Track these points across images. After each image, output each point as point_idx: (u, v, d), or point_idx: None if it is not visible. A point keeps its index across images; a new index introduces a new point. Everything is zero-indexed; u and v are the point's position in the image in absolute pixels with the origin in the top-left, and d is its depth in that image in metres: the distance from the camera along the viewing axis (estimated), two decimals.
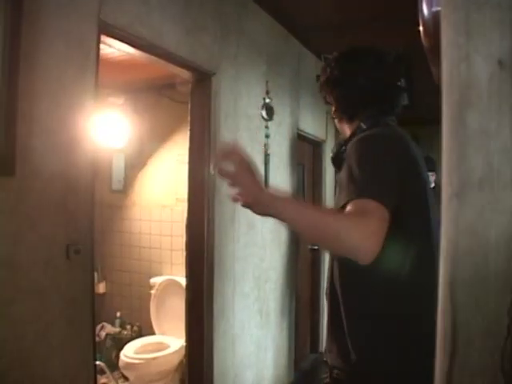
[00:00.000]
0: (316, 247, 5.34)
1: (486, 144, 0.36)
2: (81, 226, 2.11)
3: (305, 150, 5.12)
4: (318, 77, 5.03)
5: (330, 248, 1.52)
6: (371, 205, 1.34)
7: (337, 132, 5.86)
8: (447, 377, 0.36)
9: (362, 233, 1.28)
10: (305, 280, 5.17)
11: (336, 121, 1.93)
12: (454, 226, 0.36)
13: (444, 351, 0.37)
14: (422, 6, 0.92)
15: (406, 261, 1.51)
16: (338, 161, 1.86)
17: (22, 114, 1.79)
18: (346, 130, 1.87)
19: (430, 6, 0.91)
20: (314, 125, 5.04)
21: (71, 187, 2.05)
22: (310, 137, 5.00)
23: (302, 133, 4.71)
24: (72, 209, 2.05)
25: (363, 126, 1.76)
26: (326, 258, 5.44)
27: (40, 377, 1.90)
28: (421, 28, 0.96)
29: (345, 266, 1.63)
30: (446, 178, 0.39)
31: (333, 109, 1.91)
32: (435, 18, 0.90)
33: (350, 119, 1.84)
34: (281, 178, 4.17)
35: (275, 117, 3.93)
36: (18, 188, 1.80)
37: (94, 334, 2.23)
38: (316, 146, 5.40)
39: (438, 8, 0.90)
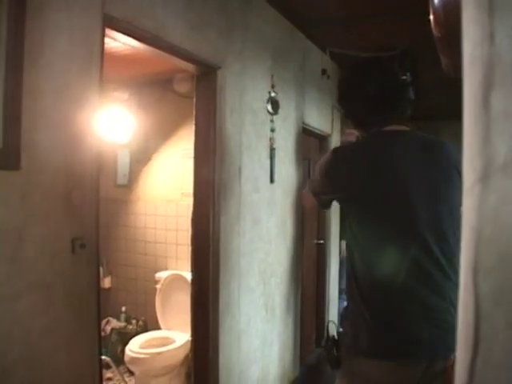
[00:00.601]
0: (321, 242, 5.33)
1: (511, 127, 0.35)
2: (86, 220, 2.11)
3: (310, 144, 5.10)
4: (323, 71, 5.02)
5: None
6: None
7: (342, 126, 5.85)
8: (470, 369, 0.35)
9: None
10: (310, 274, 5.16)
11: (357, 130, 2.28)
12: (477, 213, 0.35)
13: (467, 343, 0.36)
14: None
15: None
16: None
17: (26, 108, 1.78)
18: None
19: None
20: (319, 119, 5.02)
21: (76, 182, 2.04)
22: (316, 131, 4.98)
23: (308, 127, 4.69)
24: (77, 203, 2.04)
25: (364, 134, 2.13)
26: (332, 253, 5.45)
27: (46, 371, 1.90)
28: (431, 17, 0.93)
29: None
30: (469, 164, 0.37)
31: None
32: (446, 6, 0.88)
33: (359, 127, 2.16)
34: (286, 173, 4.16)
35: (280, 111, 3.92)
36: (23, 182, 1.79)
37: (99, 329, 2.23)
38: (322, 140, 5.37)
39: None
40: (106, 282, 4.95)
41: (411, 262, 1.79)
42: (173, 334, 4.25)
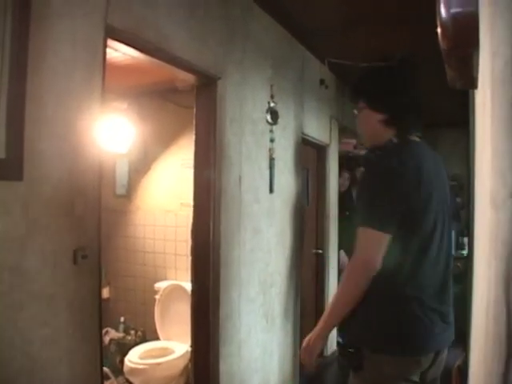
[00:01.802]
0: (320, 251, 5.33)
1: None
2: (88, 230, 2.11)
3: (309, 154, 5.11)
4: (321, 81, 5.04)
5: (359, 292, 1.87)
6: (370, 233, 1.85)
7: (340, 136, 5.86)
8: (503, 381, 0.35)
9: (356, 277, 1.88)
10: (309, 284, 5.15)
11: (377, 127, 2.07)
12: (509, 227, 0.35)
13: (498, 356, 0.36)
14: (440, 7, 0.91)
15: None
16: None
17: (29, 118, 1.79)
18: (381, 137, 2.06)
19: (448, 7, 0.89)
20: (318, 129, 5.03)
21: (78, 192, 2.04)
22: (315, 141, 4.99)
23: (307, 137, 4.70)
24: (79, 213, 2.04)
25: (394, 140, 2.02)
26: (331, 262, 5.44)
27: (48, 382, 1.89)
28: (439, 30, 0.94)
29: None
30: (498, 179, 0.37)
31: (379, 117, 2.06)
32: (454, 19, 0.89)
33: (388, 126, 2.04)
34: (285, 182, 4.16)
35: (280, 121, 3.93)
36: (25, 193, 1.80)
37: (101, 340, 2.22)
38: (320, 150, 5.39)
39: (457, 9, 0.88)
40: (105, 293, 4.92)
41: (442, 270, 1.97)
42: (172, 345, 4.23)
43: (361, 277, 1.86)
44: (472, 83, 1.09)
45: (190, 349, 3.46)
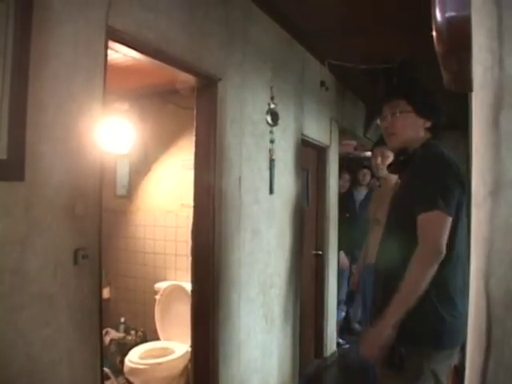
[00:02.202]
0: (320, 252, 5.34)
1: None
2: (89, 231, 2.12)
3: (309, 155, 5.12)
4: (321, 82, 5.06)
5: (429, 279, 1.93)
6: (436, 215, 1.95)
7: (341, 138, 5.87)
8: (482, 372, 0.37)
9: (423, 263, 1.94)
10: (309, 285, 5.16)
11: (411, 118, 2.25)
12: (489, 224, 0.37)
13: (479, 346, 0.38)
14: (435, 11, 0.92)
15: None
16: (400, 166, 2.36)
17: (31, 120, 1.80)
18: (418, 140, 2.24)
19: (443, 11, 0.90)
20: (318, 130, 5.04)
21: (79, 192, 2.06)
22: (315, 142, 5.01)
23: (307, 138, 4.71)
24: (80, 214, 2.06)
25: (432, 141, 2.22)
26: (330, 263, 5.45)
27: (48, 383, 1.90)
28: (434, 33, 0.95)
29: None
30: (479, 179, 0.39)
31: (408, 108, 2.24)
32: (449, 23, 0.90)
33: (428, 131, 2.25)
34: (286, 184, 4.18)
35: (280, 122, 3.94)
36: (27, 194, 1.81)
37: (101, 340, 2.23)
38: (320, 151, 5.40)
39: (452, 13, 0.90)
40: (105, 293, 4.93)
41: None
42: (172, 345, 4.24)
43: (432, 262, 1.93)
44: (466, 86, 1.11)
45: (190, 349, 3.47)
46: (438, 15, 0.92)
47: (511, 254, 0.36)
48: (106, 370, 3.82)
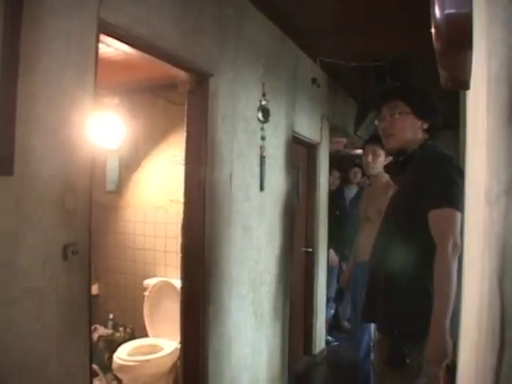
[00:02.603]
0: (310, 250, 5.34)
1: None
2: (78, 226, 2.10)
3: (300, 152, 5.11)
4: (313, 80, 5.07)
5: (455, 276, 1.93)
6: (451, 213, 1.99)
7: (331, 135, 5.87)
8: (495, 372, 0.36)
9: (450, 260, 1.93)
10: (298, 282, 5.16)
11: (409, 119, 2.30)
12: (503, 223, 0.36)
13: (491, 346, 0.37)
14: (434, 8, 0.91)
15: None
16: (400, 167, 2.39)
17: (21, 113, 1.78)
18: (416, 141, 2.29)
19: (442, 8, 0.89)
20: (309, 127, 5.04)
21: (70, 187, 2.03)
22: (305, 139, 5.00)
23: (298, 135, 4.70)
24: (70, 209, 2.04)
25: (429, 142, 2.27)
26: (320, 261, 5.46)
27: (39, 380, 1.88)
28: (433, 31, 0.94)
29: None
30: (492, 176, 0.38)
31: (406, 109, 2.29)
32: (448, 20, 0.89)
33: (426, 132, 2.29)
34: (276, 181, 4.17)
35: (271, 119, 3.93)
36: (17, 188, 1.79)
37: (90, 336, 2.22)
38: (311, 148, 5.39)
39: (451, 10, 0.89)
40: (94, 289, 4.90)
41: None
42: (161, 342, 4.22)
43: (455, 257, 1.95)
44: (464, 84, 1.10)
45: (179, 346, 3.46)
46: (437, 12, 0.91)
47: None
48: (94, 366, 3.80)
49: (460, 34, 0.91)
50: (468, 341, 0.78)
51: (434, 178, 2.08)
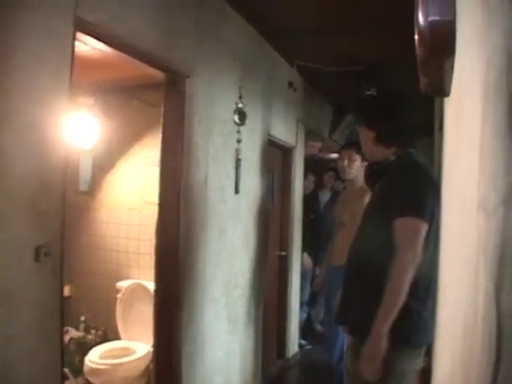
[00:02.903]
0: (284, 253, 5.34)
1: None
2: (51, 227, 2.06)
3: (275, 156, 5.11)
4: (290, 83, 5.08)
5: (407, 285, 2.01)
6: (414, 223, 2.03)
7: (306, 139, 5.89)
8: (492, 381, 0.36)
9: (406, 269, 2.00)
10: (272, 286, 5.16)
11: (371, 145, 2.39)
12: (501, 232, 0.35)
13: (488, 358, 0.36)
14: (418, 15, 0.92)
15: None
16: (374, 176, 2.48)
17: None
18: (378, 153, 2.36)
19: (426, 15, 0.90)
20: (284, 131, 5.04)
21: (43, 186, 1.99)
22: (281, 143, 5.01)
23: (273, 139, 4.71)
24: (43, 209, 1.99)
25: (398, 153, 2.28)
26: (294, 264, 5.46)
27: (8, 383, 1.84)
28: (416, 37, 0.95)
29: None
30: (490, 185, 0.38)
31: (372, 135, 2.36)
32: (431, 27, 0.90)
33: (387, 146, 2.32)
34: (251, 184, 4.16)
35: (247, 122, 3.92)
36: None
37: (61, 339, 2.18)
38: (286, 152, 5.40)
39: (435, 18, 0.89)
40: (66, 291, 4.82)
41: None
42: (134, 345, 4.18)
43: (411, 266, 2.01)
44: (444, 91, 1.11)
45: (151, 349, 3.42)
46: (421, 19, 0.91)
47: None
48: (64, 370, 3.74)
49: (443, 41, 0.91)
50: (451, 350, 0.78)
51: (403, 187, 2.14)
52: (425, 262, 2.07)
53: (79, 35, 2.19)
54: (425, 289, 2.10)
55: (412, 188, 2.12)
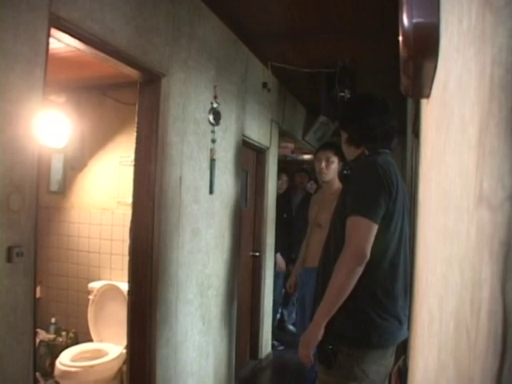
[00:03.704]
0: (257, 254, 5.34)
1: None
2: (24, 227, 2.02)
3: (249, 156, 5.11)
4: (264, 84, 5.10)
5: (353, 281, 2.03)
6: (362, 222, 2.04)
7: (280, 140, 5.91)
8: (497, 378, 0.36)
9: (349, 266, 2.02)
10: (246, 286, 5.15)
11: (345, 145, 2.44)
12: (507, 228, 0.36)
13: (493, 352, 0.37)
14: (402, 17, 0.93)
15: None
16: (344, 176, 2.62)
17: None
18: (351, 153, 2.43)
19: (410, 17, 0.91)
20: (258, 132, 5.04)
21: (15, 186, 1.95)
22: (255, 143, 5.01)
23: (248, 139, 4.71)
24: (15, 209, 1.95)
25: (366, 152, 2.31)
26: (267, 265, 5.46)
27: None
28: (400, 38, 0.96)
29: None
30: (497, 182, 0.38)
31: (345, 136, 2.41)
32: (415, 29, 0.91)
33: (357, 147, 2.36)
34: (225, 184, 4.15)
35: (222, 122, 3.91)
36: None
37: (34, 342, 2.13)
38: (260, 152, 5.40)
39: (419, 19, 0.91)
40: (36, 292, 4.75)
41: (405, 274, 2.22)
42: (106, 346, 4.12)
43: (355, 265, 2.01)
44: (423, 93, 1.13)
45: (124, 351, 3.39)
46: (405, 21, 0.93)
47: None
48: None
49: (427, 42, 0.93)
50: (436, 348, 0.78)
51: (353, 186, 2.19)
52: (384, 262, 2.12)
53: (54, 32, 2.16)
54: (384, 289, 2.12)
55: (361, 187, 2.14)
